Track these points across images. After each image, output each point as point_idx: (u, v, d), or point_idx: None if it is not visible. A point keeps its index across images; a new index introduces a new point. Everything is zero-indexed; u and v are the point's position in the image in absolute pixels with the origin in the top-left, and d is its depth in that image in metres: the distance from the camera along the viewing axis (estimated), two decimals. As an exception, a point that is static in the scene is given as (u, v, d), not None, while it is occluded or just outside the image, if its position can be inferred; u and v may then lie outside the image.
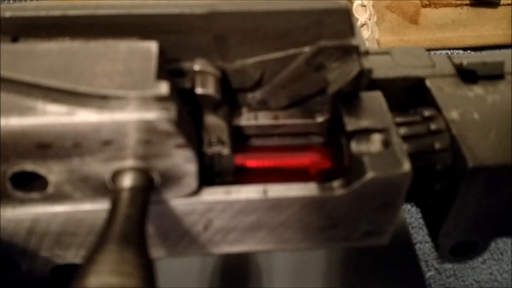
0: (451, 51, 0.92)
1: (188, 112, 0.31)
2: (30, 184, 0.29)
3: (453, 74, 0.37)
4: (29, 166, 0.28)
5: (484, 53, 0.39)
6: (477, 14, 0.99)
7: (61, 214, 0.30)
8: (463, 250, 0.37)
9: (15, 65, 0.28)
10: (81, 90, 0.27)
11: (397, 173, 0.30)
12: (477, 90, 0.36)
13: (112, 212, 0.26)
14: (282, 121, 0.35)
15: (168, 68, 0.32)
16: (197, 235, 0.32)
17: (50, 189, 0.29)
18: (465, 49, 0.93)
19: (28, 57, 0.28)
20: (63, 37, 0.31)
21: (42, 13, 0.31)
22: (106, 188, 0.29)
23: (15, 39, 0.31)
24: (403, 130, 0.34)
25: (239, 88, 0.35)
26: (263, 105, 0.36)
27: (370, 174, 0.30)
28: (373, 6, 0.89)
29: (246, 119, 0.35)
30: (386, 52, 0.39)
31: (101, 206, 0.30)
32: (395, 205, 0.32)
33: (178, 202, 0.31)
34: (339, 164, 0.34)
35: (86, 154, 0.28)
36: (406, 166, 0.30)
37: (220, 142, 0.32)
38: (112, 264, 0.23)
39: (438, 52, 0.92)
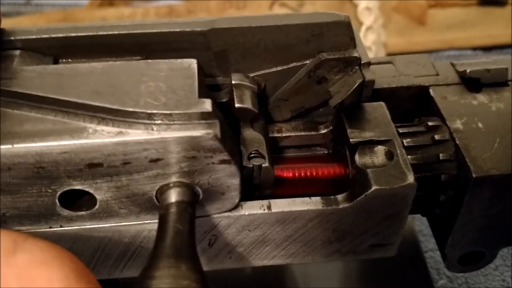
0: (460, 51, 0.91)
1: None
2: (76, 202, 0.29)
3: (457, 82, 0.37)
4: (78, 185, 0.28)
5: (488, 59, 0.38)
6: (485, 13, 0.98)
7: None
8: (470, 259, 0.36)
9: (60, 86, 0.28)
10: (128, 110, 0.27)
11: (402, 185, 0.30)
12: (481, 98, 0.36)
13: (162, 227, 0.26)
14: (285, 134, 0.36)
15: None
16: (202, 251, 0.32)
17: (98, 206, 0.29)
18: (474, 49, 0.92)
19: (73, 78, 0.29)
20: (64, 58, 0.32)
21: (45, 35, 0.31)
22: (151, 204, 0.29)
23: (56, 60, 0.32)
24: (407, 141, 0.34)
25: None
26: (266, 118, 0.36)
27: (374, 187, 0.30)
28: (379, 8, 0.88)
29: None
30: (389, 61, 0.39)
31: (140, 221, 0.30)
32: (401, 217, 0.32)
33: None
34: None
35: (134, 171, 0.28)
36: (410, 177, 0.30)
37: (260, 155, 0.32)
38: (171, 279, 0.23)
39: (446, 53, 0.91)
